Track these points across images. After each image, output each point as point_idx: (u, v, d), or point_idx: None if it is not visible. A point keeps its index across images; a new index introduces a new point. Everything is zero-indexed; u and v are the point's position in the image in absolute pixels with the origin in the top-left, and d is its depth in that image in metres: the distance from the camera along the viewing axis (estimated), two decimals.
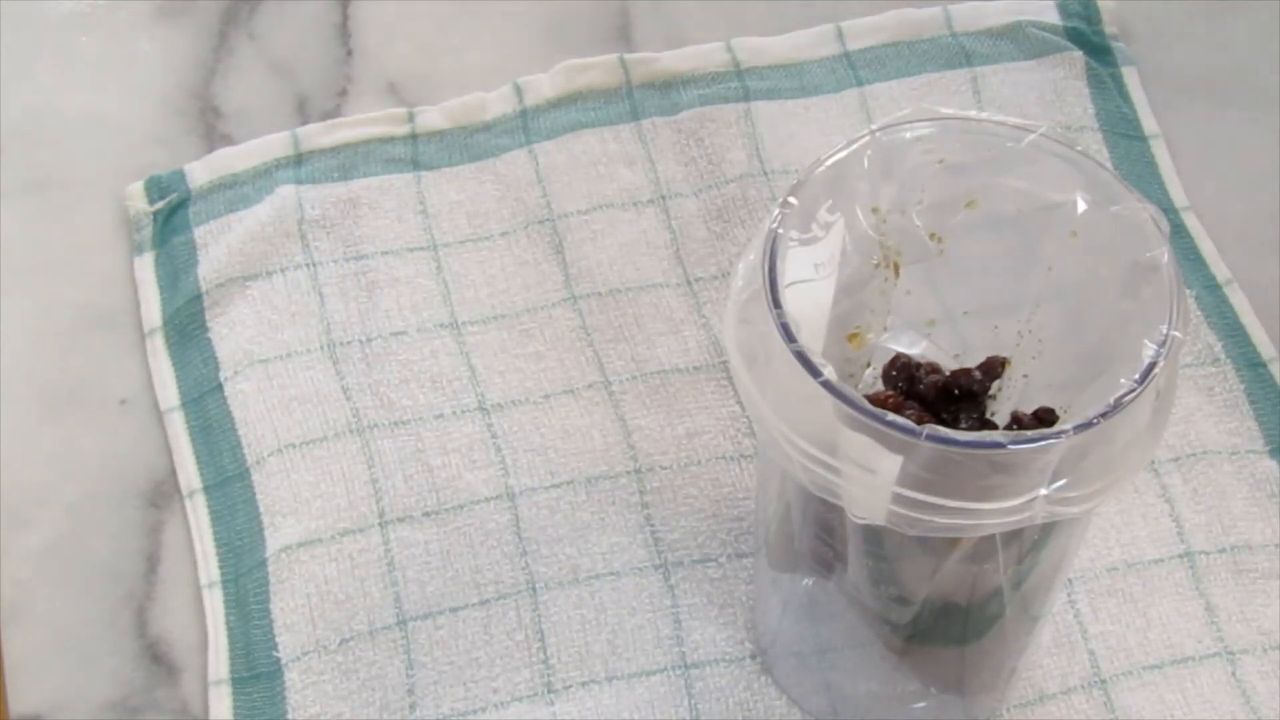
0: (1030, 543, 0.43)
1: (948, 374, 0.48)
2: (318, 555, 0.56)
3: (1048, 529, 0.42)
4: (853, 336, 0.47)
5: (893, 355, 0.48)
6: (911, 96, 0.67)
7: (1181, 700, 0.53)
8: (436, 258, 0.63)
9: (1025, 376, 0.48)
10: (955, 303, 0.48)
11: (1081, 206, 0.43)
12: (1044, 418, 0.46)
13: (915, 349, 0.49)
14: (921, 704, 0.51)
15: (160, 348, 0.62)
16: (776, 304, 0.40)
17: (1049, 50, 0.68)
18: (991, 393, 0.49)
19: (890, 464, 0.38)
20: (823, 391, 0.39)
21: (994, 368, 0.48)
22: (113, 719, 0.54)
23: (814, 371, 0.39)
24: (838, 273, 0.43)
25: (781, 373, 0.40)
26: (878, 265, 0.46)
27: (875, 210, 0.44)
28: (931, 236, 0.46)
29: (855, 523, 0.42)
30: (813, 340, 0.41)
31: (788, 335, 0.39)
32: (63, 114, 0.68)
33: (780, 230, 0.42)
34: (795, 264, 0.42)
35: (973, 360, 0.49)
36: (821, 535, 0.45)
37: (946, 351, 0.49)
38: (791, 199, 0.42)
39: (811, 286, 0.42)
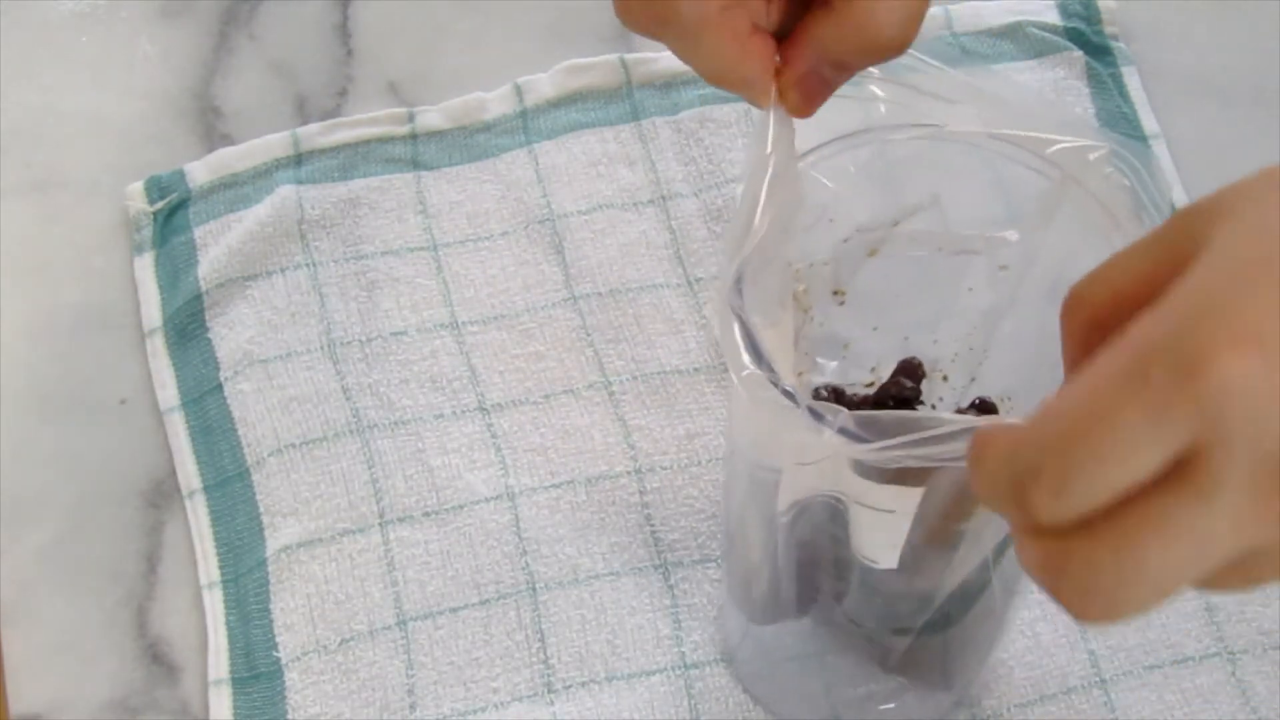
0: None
1: (876, 390, 0.49)
2: (318, 555, 0.56)
3: None
4: None
5: (813, 387, 0.48)
6: None
7: (1181, 700, 0.53)
8: (436, 258, 0.63)
9: (973, 380, 0.48)
10: (867, 322, 0.48)
11: (1013, 239, 0.43)
12: (985, 407, 0.46)
13: (830, 374, 0.49)
14: (903, 680, 0.51)
15: (160, 348, 0.62)
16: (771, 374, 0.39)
17: (1049, 50, 0.68)
18: (923, 398, 0.49)
19: (909, 501, 0.38)
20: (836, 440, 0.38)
21: (912, 370, 0.48)
22: (113, 719, 0.54)
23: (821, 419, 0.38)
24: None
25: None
26: (805, 318, 0.46)
27: (797, 271, 0.45)
28: (836, 293, 0.46)
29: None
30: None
31: (791, 399, 0.38)
32: (63, 114, 0.68)
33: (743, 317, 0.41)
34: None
35: (889, 372, 0.49)
36: (804, 576, 0.45)
37: (863, 367, 0.49)
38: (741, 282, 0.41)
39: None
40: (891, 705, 0.51)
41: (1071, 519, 0.30)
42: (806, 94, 0.41)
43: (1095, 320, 0.32)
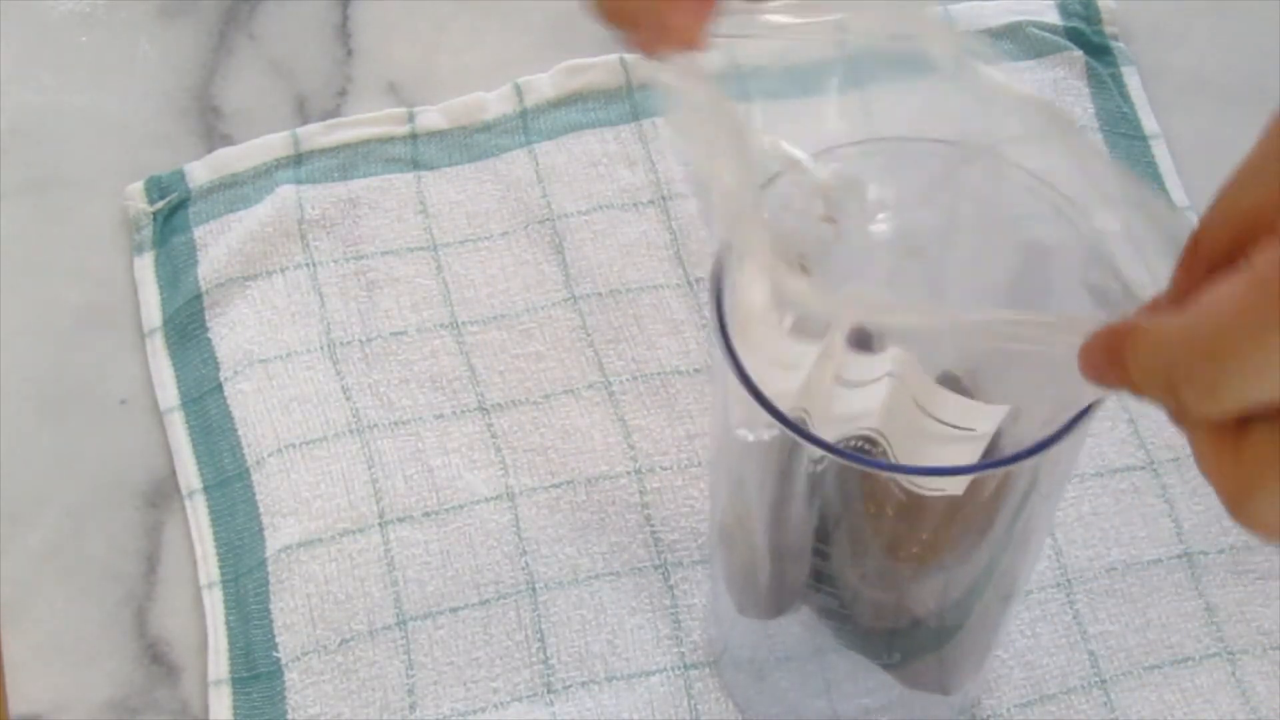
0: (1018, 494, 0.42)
1: None
2: (318, 555, 0.56)
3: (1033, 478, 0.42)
4: None
5: None
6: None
7: (1181, 700, 0.54)
8: (436, 258, 0.63)
9: None
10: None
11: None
12: (952, 381, 0.46)
13: None
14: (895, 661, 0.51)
15: (160, 348, 0.62)
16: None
17: (1049, 50, 0.68)
18: None
19: (992, 421, 0.38)
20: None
21: (866, 340, 0.48)
22: (113, 719, 0.54)
23: None
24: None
25: None
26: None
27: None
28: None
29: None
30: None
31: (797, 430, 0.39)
32: (63, 114, 0.68)
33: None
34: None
35: None
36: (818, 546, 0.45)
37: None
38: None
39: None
40: (887, 717, 0.51)
41: (1231, 413, 0.29)
42: (687, 10, 0.39)
43: (1220, 253, 0.31)
